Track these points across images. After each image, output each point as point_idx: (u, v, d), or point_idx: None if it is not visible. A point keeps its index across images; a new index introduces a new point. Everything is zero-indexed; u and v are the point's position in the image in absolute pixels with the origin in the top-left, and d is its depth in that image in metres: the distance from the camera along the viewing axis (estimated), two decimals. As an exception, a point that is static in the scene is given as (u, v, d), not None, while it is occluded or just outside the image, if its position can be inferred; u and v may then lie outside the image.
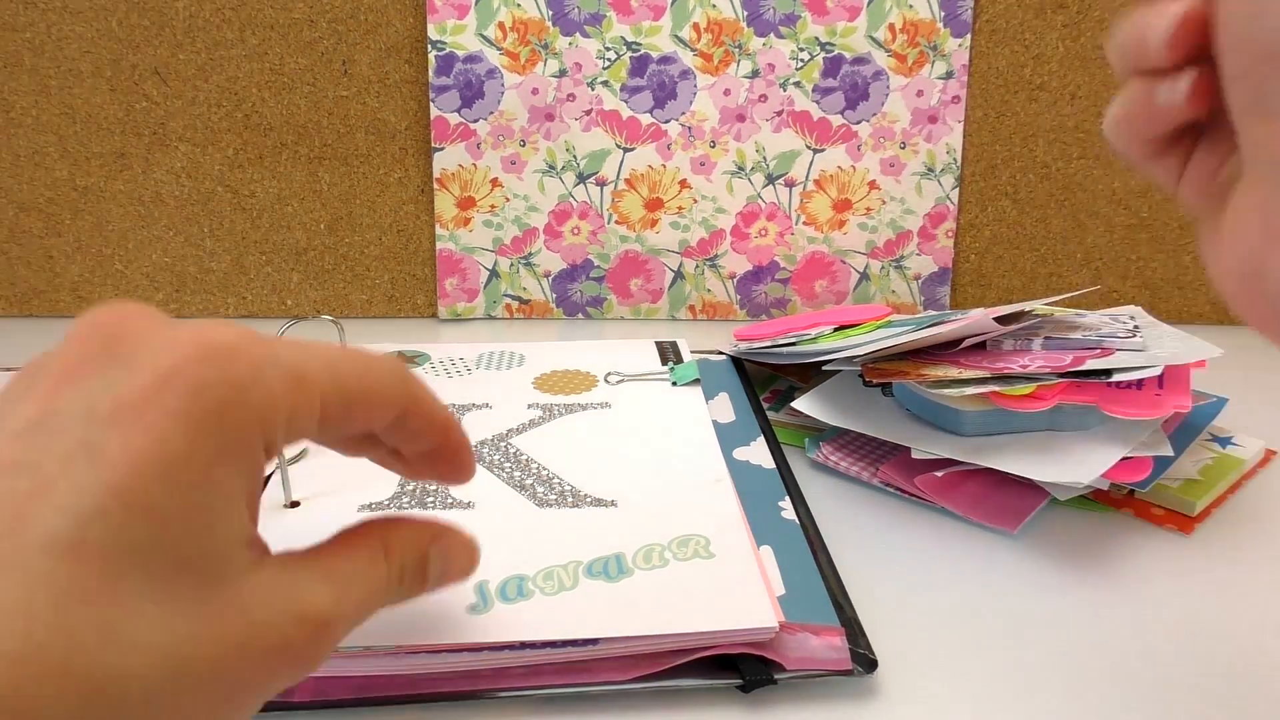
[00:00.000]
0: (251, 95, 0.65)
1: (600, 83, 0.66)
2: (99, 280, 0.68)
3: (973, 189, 0.69)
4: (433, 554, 0.29)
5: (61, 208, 0.67)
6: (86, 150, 0.66)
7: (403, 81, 0.66)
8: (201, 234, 0.68)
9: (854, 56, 0.66)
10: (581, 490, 0.42)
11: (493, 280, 0.69)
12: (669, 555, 0.37)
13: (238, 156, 0.67)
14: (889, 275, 0.70)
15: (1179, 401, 0.44)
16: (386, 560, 0.28)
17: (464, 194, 0.68)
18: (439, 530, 0.30)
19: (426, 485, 0.42)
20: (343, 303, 0.70)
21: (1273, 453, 0.50)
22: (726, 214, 0.69)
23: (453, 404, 0.51)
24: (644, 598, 0.35)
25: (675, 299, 0.71)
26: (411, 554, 0.28)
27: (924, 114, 0.67)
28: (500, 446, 0.46)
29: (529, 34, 0.65)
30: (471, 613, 0.33)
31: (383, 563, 0.27)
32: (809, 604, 0.35)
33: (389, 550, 0.28)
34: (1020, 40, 0.66)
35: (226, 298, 0.69)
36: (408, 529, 0.29)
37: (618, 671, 0.33)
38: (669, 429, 0.49)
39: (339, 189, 0.68)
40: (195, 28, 0.64)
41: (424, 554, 0.29)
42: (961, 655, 0.36)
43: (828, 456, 0.48)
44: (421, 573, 0.29)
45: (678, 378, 0.54)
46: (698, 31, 0.66)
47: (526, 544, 0.38)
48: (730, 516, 0.40)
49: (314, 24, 0.64)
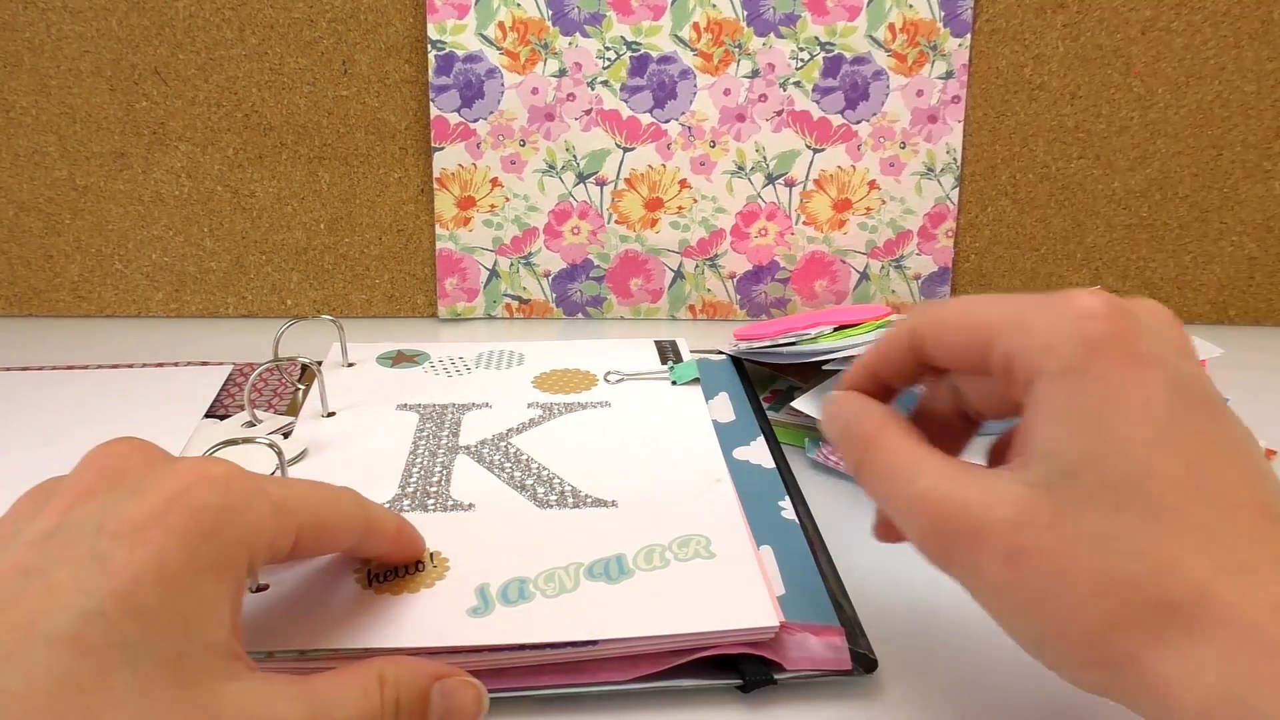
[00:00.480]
0: (251, 95, 0.65)
1: (600, 82, 0.66)
2: (99, 280, 0.68)
3: (973, 189, 0.69)
4: (435, 694, 0.30)
5: (61, 207, 0.67)
6: (86, 150, 0.66)
7: (403, 81, 0.66)
8: (201, 234, 0.68)
9: (854, 56, 0.66)
10: (582, 491, 0.42)
11: (493, 280, 0.69)
12: (670, 556, 0.37)
13: (237, 156, 0.67)
14: (889, 275, 0.70)
15: (1179, 401, 0.44)
16: (381, 693, 0.29)
17: (464, 194, 0.68)
18: (442, 671, 0.31)
19: (426, 488, 0.42)
20: (343, 302, 0.70)
21: (1273, 453, 0.50)
22: (726, 214, 0.69)
23: (453, 403, 0.51)
24: (645, 599, 0.35)
25: (675, 299, 0.71)
26: (410, 691, 0.30)
27: (924, 114, 0.67)
28: (500, 446, 0.46)
29: (529, 34, 0.65)
30: (472, 615, 0.33)
31: (376, 695, 0.29)
32: (809, 604, 0.35)
33: (384, 684, 0.29)
34: (1020, 40, 0.66)
35: (226, 297, 0.69)
36: (409, 666, 0.30)
37: (617, 672, 0.33)
38: (669, 428, 0.49)
39: (339, 189, 0.68)
40: (195, 28, 0.64)
41: (425, 693, 0.30)
42: (961, 655, 0.36)
43: (828, 456, 0.48)
44: (421, 711, 0.30)
45: (677, 377, 0.54)
46: (698, 31, 0.66)
47: (527, 545, 0.38)
48: (731, 516, 0.40)
49: (314, 24, 0.64)
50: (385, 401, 0.51)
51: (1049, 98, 0.67)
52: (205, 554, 0.26)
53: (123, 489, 0.27)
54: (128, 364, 0.58)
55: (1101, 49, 0.66)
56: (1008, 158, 0.68)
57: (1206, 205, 0.68)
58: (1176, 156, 0.68)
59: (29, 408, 0.52)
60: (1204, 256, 0.69)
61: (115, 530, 0.25)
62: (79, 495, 0.27)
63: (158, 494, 0.26)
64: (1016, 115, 0.67)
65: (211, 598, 0.26)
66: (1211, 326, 0.70)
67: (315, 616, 0.33)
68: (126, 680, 0.23)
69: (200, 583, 0.26)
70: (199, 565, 0.26)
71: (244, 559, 0.27)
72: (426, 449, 0.46)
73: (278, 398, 0.53)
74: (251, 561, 0.28)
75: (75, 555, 0.25)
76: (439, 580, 0.35)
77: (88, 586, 0.24)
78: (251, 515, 0.27)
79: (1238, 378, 0.54)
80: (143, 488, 0.27)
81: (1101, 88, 0.67)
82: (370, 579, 0.35)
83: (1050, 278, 0.70)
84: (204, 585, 0.26)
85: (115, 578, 0.24)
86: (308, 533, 0.30)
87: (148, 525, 0.25)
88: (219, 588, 0.26)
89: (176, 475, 0.27)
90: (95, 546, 0.25)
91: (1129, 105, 0.67)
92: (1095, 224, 0.69)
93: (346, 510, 0.32)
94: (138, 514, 0.26)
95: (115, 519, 0.26)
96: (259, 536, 0.28)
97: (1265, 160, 0.67)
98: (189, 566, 0.25)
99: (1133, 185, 0.68)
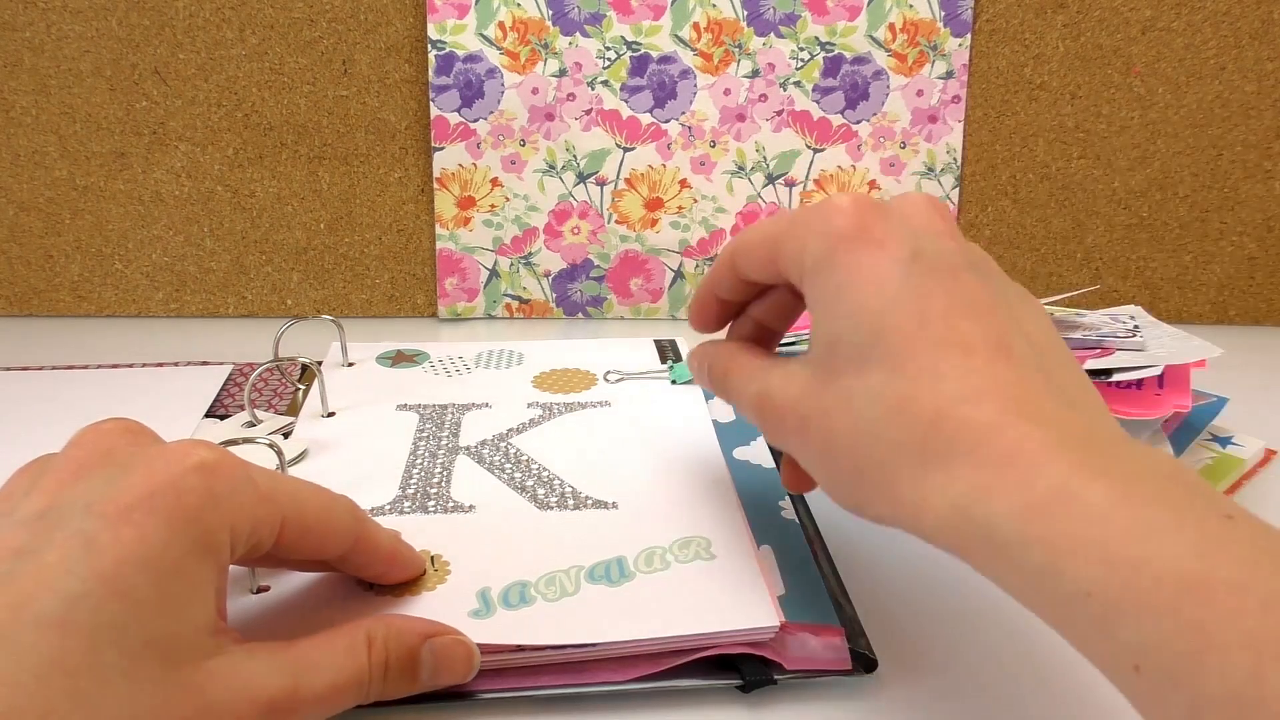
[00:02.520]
0: (251, 95, 0.65)
1: (600, 82, 0.66)
2: (99, 280, 0.68)
3: (973, 189, 0.69)
4: (425, 652, 0.31)
5: (61, 207, 0.67)
6: (86, 150, 0.66)
7: (403, 81, 0.66)
8: (201, 234, 0.68)
9: (854, 56, 0.66)
10: (582, 492, 0.42)
11: (493, 280, 0.69)
12: (670, 558, 0.37)
13: (237, 156, 0.67)
14: (889, 275, 0.70)
15: (1179, 401, 0.44)
16: (369, 653, 0.29)
17: (464, 194, 0.68)
18: (434, 629, 0.31)
19: (427, 488, 0.42)
20: (343, 302, 0.70)
21: (1273, 453, 0.50)
22: (726, 214, 0.69)
23: (452, 403, 0.51)
24: (645, 601, 0.35)
25: (675, 299, 0.71)
26: (399, 650, 0.30)
27: (924, 114, 0.67)
28: (500, 447, 0.46)
29: (529, 34, 0.65)
30: (474, 618, 0.33)
31: (363, 656, 0.29)
32: (809, 604, 0.35)
33: (372, 644, 0.30)
34: (1020, 40, 0.66)
35: (226, 297, 0.69)
36: (399, 625, 0.31)
37: (617, 672, 0.33)
38: (669, 428, 0.49)
39: (339, 189, 0.68)
40: (195, 28, 0.64)
41: (414, 651, 0.30)
42: (961, 655, 0.36)
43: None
44: (411, 670, 0.30)
45: (677, 376, 0.54)
46: (698, 31, 0.66)
47: (528, 548, 0.38)
48: (731, 517, 0.40)
49: (314, 24, 0.64)
50: (385, 401, 0.51)
51: (1049, 98, 0.67)
52: (190, 536, 0.26)
53: (112, 468, 0.27)
54: (128, 364, 0.58)
55: (1101, 49, 0.66)
56: (1008, 158, 0.68)
57: (1206, 205, 0.68)
58: (1176, 156, 0.68)
59: (29, 408, 0.52)
60: (1204, 256, 0.69)
61: (103, 511, 0.26)
62: (70, 473, 0.28)
63: (145, 475, 0.27)
64: (1016, 115, 0.67)
65: (197, 579, 0.26)
66: (1211, 326, 0.70)
67: (316, 618, 0.33)
68: (114, 661, 0.24)
69: (185, 564, 0.26)
70: (184, 547, 0.26)
71: (225, 541, 0.28)
72: (427, 449, 0.46)
73: (278, 398, 0.53)
74: (234, 543, 0.28)
75: (64, 536, 0.25)
76: (440, 583, 0.35)
77: (75, 568, 0.24)
78: (235, 501, 0.28)
79: (1238, 378, 0.54)
80: (131, 468, 0.27)
81: (1101, 88, 0.67)
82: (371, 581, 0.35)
83: (1050, 277, 0.70)
84: (189, 567, 0.26)
85: (102, 560, 0.25)
86: (292, 527, 0.30)
87: (134, 507, 0.26)
88: (203, 569, 0.27)
89: (164, 457, 0.27)
90: (83, 527, 0.25)
91: (1129, 105, 0.67)
92: (1095, 224, 0.69)
93: (336, 516, 0.32)
94: (125, 495, 0.26)
95: (103, 500, 0.26)
96: (242, 521, 0.28)
97: (1265, 160, 0.67)
98: (174, 548, 0.26)
99: (1133, 185, 0.68)
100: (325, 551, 0.32)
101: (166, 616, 0.25)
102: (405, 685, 0.30)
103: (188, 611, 0.26)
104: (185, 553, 0.26)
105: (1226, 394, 0.52)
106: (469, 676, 0.32)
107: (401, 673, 0.30)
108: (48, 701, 0.23)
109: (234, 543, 0.28)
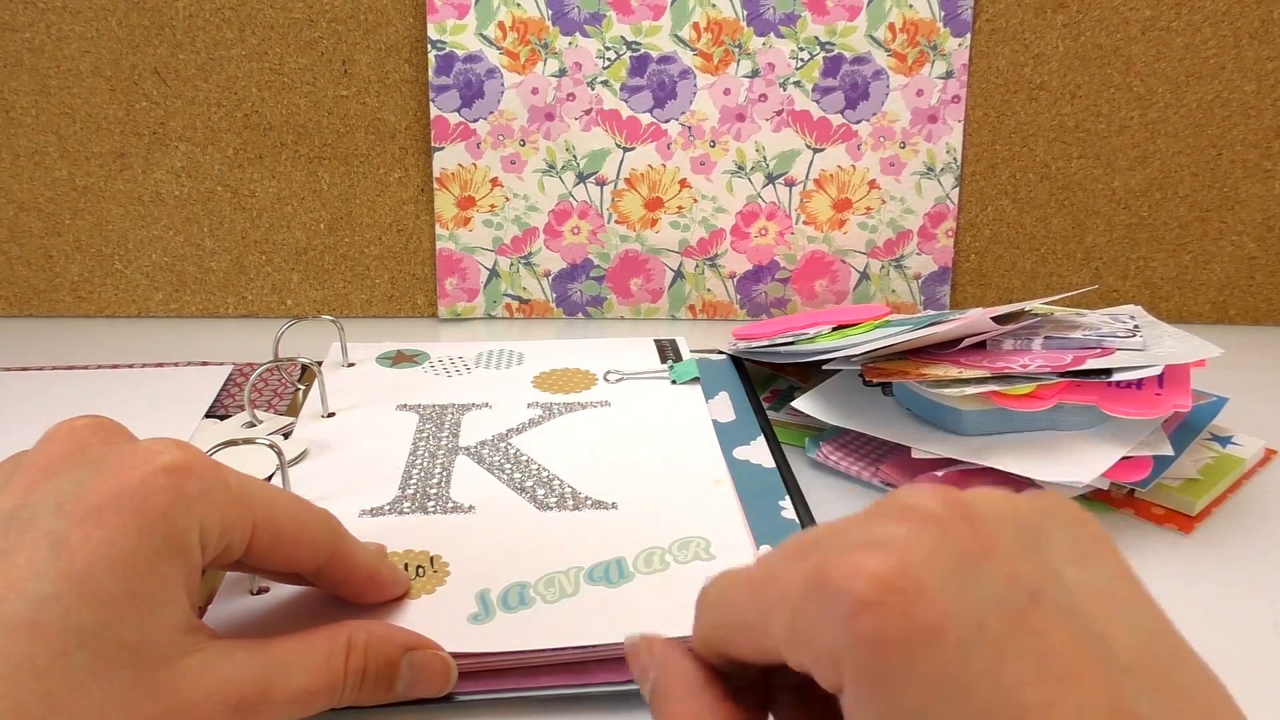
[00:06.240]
0: (251, 95, 0.65)
1: (600, 82, 0.66)
2: (99, 280, 0.68)
3: (973, 188, 0.69)
4: (404, 665, 0.31)
5: (61, 207, 0.67)
6: (86, 150, 0.66)
7: (402, 81, 0.66)
8: (201, 234, 0.68)
9: (854, 56, 0.66)
10: (582, 492, 0.42)
11: (493, 280, 0.69)
12: (669, 559, 0.37)
13: (237, 156, 0.67)
14: (889, 275, 0.70)
15: (1179, 401, 0.44)
16: (346, 659, 0.29)
17: (464, 194, 0.68)
18: (416, 641, 0.31)
19: (426, 489, 0.42)
20: (342, 302, 0.70)
21: (1273, 452, 0.50)
22: (726, 213, 0.69)
23: (452, 403, 0.51)
24: (644, 603, 0.35)
25: (675, 299, 0.71)
26: (379, 659, 0.30)
27: (924, 113, 0.67)
28: (500, 447, 0.46)
29: (529, 34, 0.65)
30: (473, 622, 0.33)
31: (340, 661, 0.29)
32: (809, 605, 0.35)
33: (352, 650, 0.29)
34: (1020, 40, 0.66)
35: (226, 297, 0.69)
36: (382, 634, 0.30)
37: (617, 672, 0.33)
38: (669, 428, 0.49)
39: (339, 189, 0.67)
40: (195, 28, 0.64)
41: (394, 662, 0.30)
42: (961, 656, 0.36)
43: (828, 456, 0.48)
44: (388, 680, 0.30)
45: (677, 376, 0.54)
46: (698, 31, 0.65)
47: (527, 549, 0.38)
48: (731, 517, 0.40)
49: (314, 24, 0.64)
50: (385, 402, 0.51)
51: (1049, 97, 0.67)
52: (159, 536, 0.26)
53: (82, 468, 0.27)
54: (128, 364, 0.58)
55: (1101, 49, 0.66)
56: (1008, 157, 0.68)
57: (1206, 205, 0.68)
58: (1176, 156, 0.68)
59: (29, 408, 0.52)
60: (1204, 256, 0.69)
61: (72, 511, 0.25)
62: (41, 470, 0.27)
63: (115, 475, 0.26)
64: (1016, 115, 0.67)
65: (167, 579, 0.26)
66: (1211, 326, 0.70)
67: (313, 619, 0.33)
68: (84, 663, 0.24)
69: (155, 565, 0.26)
70: (154, 547, 0.26)
71: (195, 541, 0.27)
72: (426, 450, 0.46)
73: (278, 398, 0.53)
74: (204, 544, 0.28)
75: (33, 538, 0.25)
76: (439, 586, 0.35)
77: (45, 570, 0.24)
78: (206, 502, 0.27)
79: (1238, 378, 0.54)
80: (101, 467, 0.27)
81: (1101, 87, 0.67)
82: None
83: (1050, 277, 0.70)
84: (159, 567, 0.26)
85: (71, 561, 0.24)
86: (264, 533, 0.29)
87: (103, 507, 0.26)
88: (174, 569, 0.26)
89: (135, 456, 0.27)
90: (52, 528, 0.25)
91: (1129, 105, 0.67)
92: (1095, 224, 0.69)
93: (312, 527, 0.31)
94: (94, 495, 0.26)
95: (73, 499, 0.26)
96: (212, 522, 0.28)
97: (1265, 160, 0.67)
98: (144, 549, 0.26)
99: (1133, 185, 0.68)
100: (298, 562, 0.31)
101: (137, 617, 0.25)
102: (380, 694, 0.30)
103: (159, 612, 0.26)
104: (155, 553, 0.26)
105: (1226, 394, 0.52)
106: (445, 691, 0.31)
107: (378, 681, 0.30)
108: (17, 704, 0.22)
109: (204, 543, 0.28)
